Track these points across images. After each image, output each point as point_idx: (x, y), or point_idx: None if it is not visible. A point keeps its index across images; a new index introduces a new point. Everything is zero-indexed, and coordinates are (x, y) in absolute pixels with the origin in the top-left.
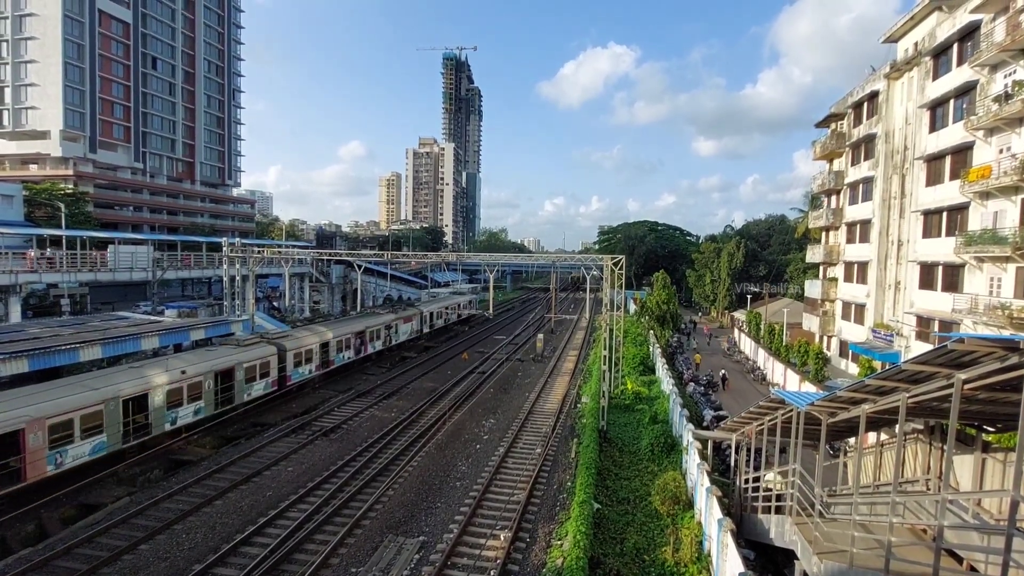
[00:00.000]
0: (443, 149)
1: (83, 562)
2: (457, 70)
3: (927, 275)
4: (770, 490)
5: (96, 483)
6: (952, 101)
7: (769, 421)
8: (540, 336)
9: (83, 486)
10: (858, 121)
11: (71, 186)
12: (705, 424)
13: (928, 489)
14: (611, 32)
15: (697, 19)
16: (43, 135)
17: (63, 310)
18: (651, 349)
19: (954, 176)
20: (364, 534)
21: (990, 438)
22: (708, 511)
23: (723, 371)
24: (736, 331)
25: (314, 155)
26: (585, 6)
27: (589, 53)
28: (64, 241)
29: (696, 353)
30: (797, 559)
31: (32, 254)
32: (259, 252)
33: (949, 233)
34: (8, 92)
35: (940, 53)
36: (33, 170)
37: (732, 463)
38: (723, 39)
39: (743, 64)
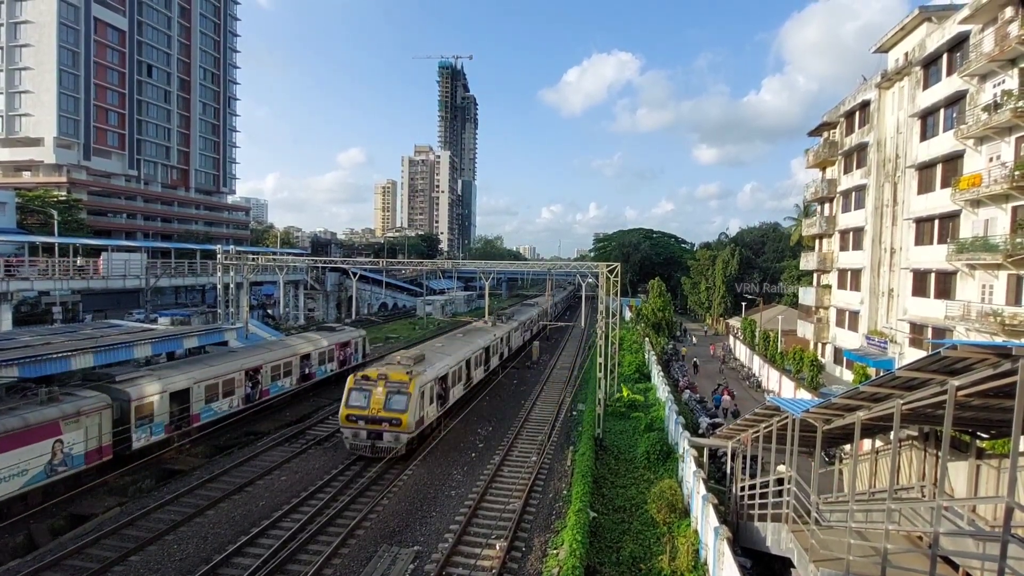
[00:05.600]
0: (439, 157)
1: (72, 573)
2: (453, 78)
3: (920, 282)
4: (766, 497)
5: (86, 493)
6: (942, 110)
7: (765, 428)
8: (536, 343)
9: (73, 496)
10: (850, 130)
11: (64, 193)
12: (701, 431)
13: (923, 496)
14: (616, 39)
15: (703, 26)
16: (37, 142)
17: (55, 318)
18: (647, 356)
19: (945, 184)
20: (358, 544)
21: (984, 444)
22: (704, 519)
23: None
24: (731, 338)
25: (312, 162)
26: (590, 13)
27: (594, 59)
28: (57, 248)
29: (683, 348)
30: (794, 567)
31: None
32: (253, 259)
33: (941, 241)
34: (2, 99)
35: (930, 63)
36: (26, 177)
37: (728, 470)
38: (729, 46)
39: (748, 72)
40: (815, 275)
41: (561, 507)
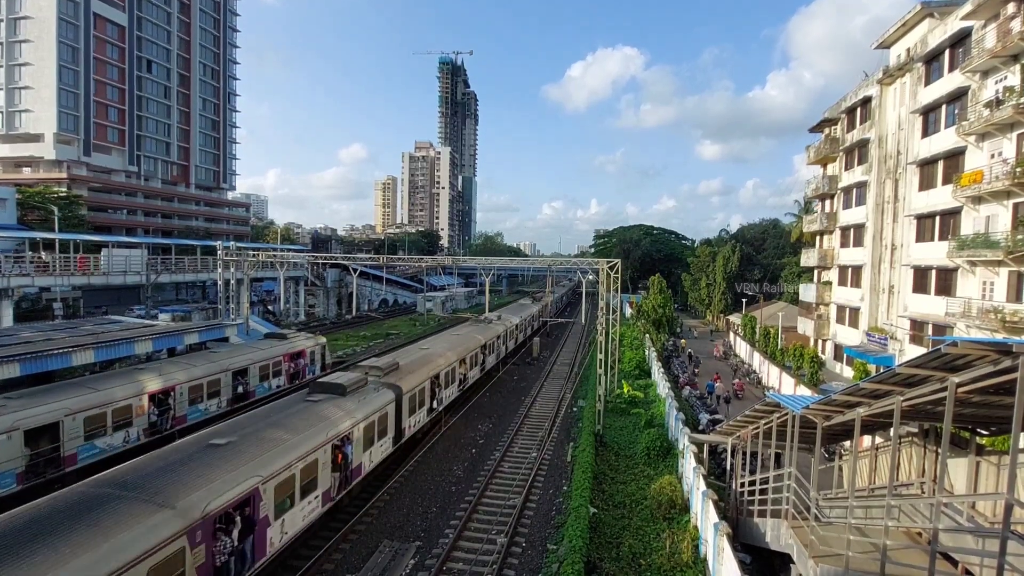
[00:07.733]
0: (439, 153)
1: None
2: (453, 74)
3: (920, 279)
4: (766, 493)
5: None
6: (944, 107)
7: (765, 425)
8: (536, 339)
9: None
10: (851, 126)
11: (64, 189)
12: (701, 428)
13: (923, 492)
14: (621, 35)
15: (709, 22)
16: (37, 138)
17: (55, 314)
18: (647, 353)
19: (946, 181)
20: (359, 539)
21: (984, 441)
22: (704, 515)
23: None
24: (732, 335)
25: (313, 158)
26: (594, 9)
27: (598, 54)
28: (57, 245)
29: (682, 339)
30: (793, 563)
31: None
32: (254, 256)
33: (942, 237)
34: (2, 95)
35: (932, 59)
36: (26, 173)
37: (728, 467)
38: (734, 42)
39: (753, 67)
40: (816, 272)
41: (561, 503)
